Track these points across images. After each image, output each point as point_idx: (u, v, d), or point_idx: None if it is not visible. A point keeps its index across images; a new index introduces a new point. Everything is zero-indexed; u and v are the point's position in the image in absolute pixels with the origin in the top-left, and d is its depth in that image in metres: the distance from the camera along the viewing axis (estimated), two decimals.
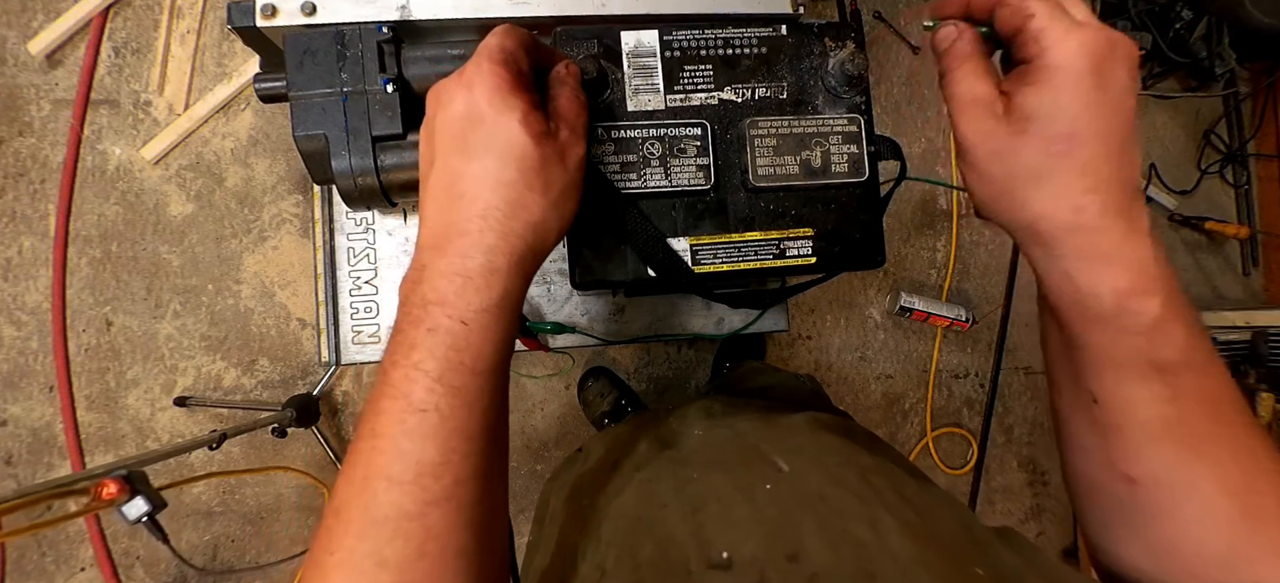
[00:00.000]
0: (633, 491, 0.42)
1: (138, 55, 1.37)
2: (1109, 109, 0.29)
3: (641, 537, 0.36)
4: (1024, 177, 0.30)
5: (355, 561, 0.27)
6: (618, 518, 0.40)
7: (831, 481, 0.36)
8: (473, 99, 0.31)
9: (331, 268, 0.65)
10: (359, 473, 0.29)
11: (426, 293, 0.30)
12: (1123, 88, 0.29)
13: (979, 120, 0.31)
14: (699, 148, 0.41)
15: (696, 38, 0.42)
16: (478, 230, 0.30)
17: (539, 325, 0.66)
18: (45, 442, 1.34)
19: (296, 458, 1.38)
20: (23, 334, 1.34)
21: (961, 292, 1.59)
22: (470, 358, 0.30)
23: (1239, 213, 1.67)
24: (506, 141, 0.30)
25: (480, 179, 0.31)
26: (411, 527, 0.28)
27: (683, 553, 0.33)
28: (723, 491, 0.37)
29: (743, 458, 0.41)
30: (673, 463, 0.44)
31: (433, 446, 0.28)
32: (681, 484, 0.39)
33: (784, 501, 0.35)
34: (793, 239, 0.42)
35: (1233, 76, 1.57)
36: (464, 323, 0.29)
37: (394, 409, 0.29)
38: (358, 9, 0.41)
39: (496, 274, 0.30)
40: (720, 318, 0.69)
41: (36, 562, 1.33)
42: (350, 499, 0.29)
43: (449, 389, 0.29)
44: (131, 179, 1.37)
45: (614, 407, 1.39)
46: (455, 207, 0.31)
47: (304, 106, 0.40)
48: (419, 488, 0.28)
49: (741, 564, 0.30)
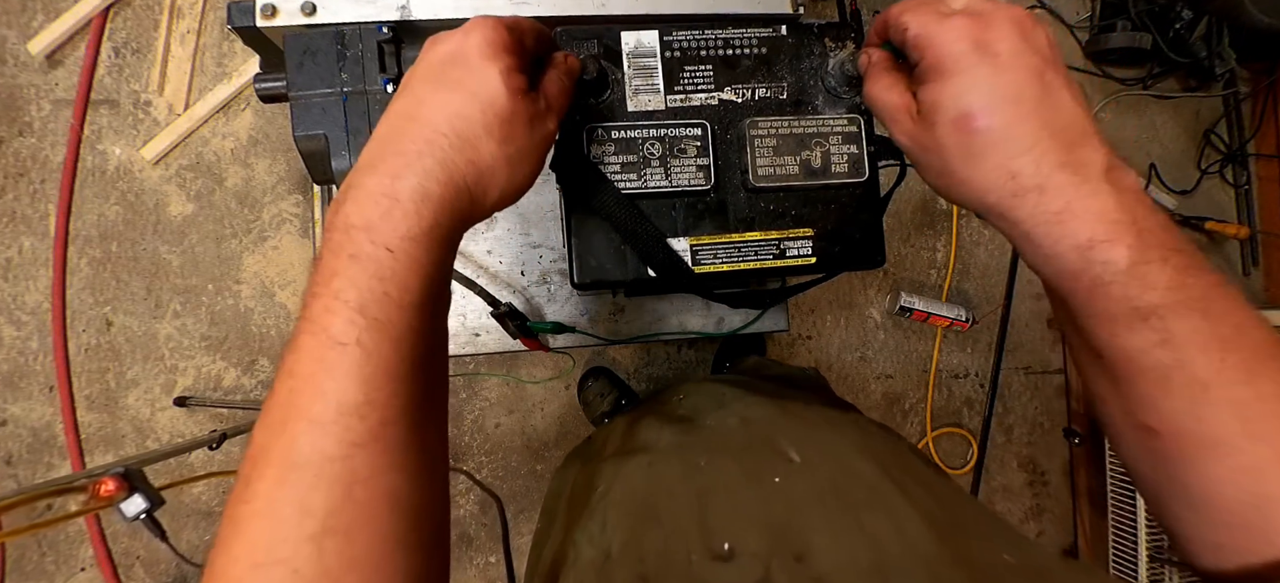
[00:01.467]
0: (641, 475, 0.42)
1: (138, 55, 1.37)
2: (1007, 74, 0.29)
3: (647, 524, 0.36)
4: (957, 163, 0.31)
5: (275, 509, 0.25)
6: (625, 502, 0.39)
7: (845, 471, 0.36)
8: (464, 42, 0.31)
9: None
10: (276, 416, 0.26)
11: (350, 215, 0.28)
12: (1014, 50, 0.29)
13: (901, 125, 0.34)
14: (699, 148, 0.41)
15: (696, 38, 0.42)
16: (417, 152, 0.29)
17: (539, 325, 0.66)
18: (45, 442, 1.34)
19: None
20: (23, 334, 1.34)
21: (961, 292, 1.59)
22: (396, 290, 0.27)
23: (1239, 213, 1.67)
24: (480, 82, 0.30)
25: (439, 107, 0.30)
26: (336, 470, 0.25)
27: (685, 543, 0.32)
28: (731, 480, 0.36)
29: (753, 446, 0.40)
30: (682, 448, 0.43)
31: (354, 384, 0.26)
32: (690, 471, 0.39)
33: (794, 493, 0.34)
34: (793, 239, 0.42)
35: (1233, 76, 1.57)
36: (389, 250, 0.27)
37: (312, 345, 0.27)
38: (358, 9, 0.41)
39: (428, 201, 0.28)
40: (720, 318, 0.69)
41: (36, 562, 1.33)
42: (267, 444, 0.26)
43: (371, 322, 0.27)
44: (131, 179, 1.37)
45: (614, 407, 1.39)
46: (403, 127, 0.30)
47: (304, 106, 0.40)
48: (342, 429, 0.26)
49: (744, 557, 0.30)
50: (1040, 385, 1.62)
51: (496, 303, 0.62)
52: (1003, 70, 0.29)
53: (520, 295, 0.69)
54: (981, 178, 0.30)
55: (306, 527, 0.25)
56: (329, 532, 0.25)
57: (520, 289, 0.69)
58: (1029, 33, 0.30)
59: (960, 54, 0.30)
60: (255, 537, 0.25)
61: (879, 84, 0.35)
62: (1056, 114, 0.29)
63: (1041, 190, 0.29)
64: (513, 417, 1.45)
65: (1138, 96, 1.64)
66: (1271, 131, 1.61)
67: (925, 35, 0.31)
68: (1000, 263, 1.60)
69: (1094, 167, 0.29)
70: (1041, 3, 1.62)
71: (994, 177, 0.30)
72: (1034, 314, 1.62)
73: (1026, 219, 0.30)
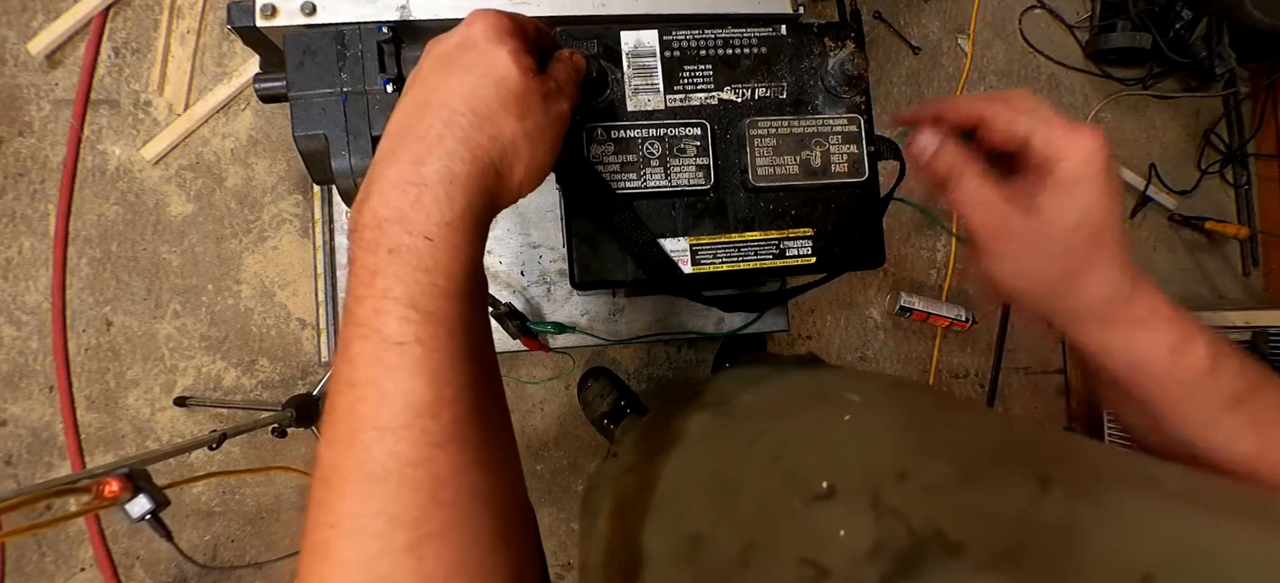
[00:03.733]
0: (701, 459, 0.41)
1: (138, 55, 1.37)
2: (1116, 197, 0.32)
3: (731, 495, 0.35)
4: (1059, 272, 0.33)
5: (363, 525, 0.24)
6: (695, 486, 0.39)
7: (908, 400, 0.36)
8: (469, 32, 0.31)
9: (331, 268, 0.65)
10: (342, 430, 0.25)
11: (378, 208, 0.27)
12: (1113, 171, 0.32)
13: (1001, 223, 0.33)
14: (699, 148, 0.41)
15: (696, 38, 0.42)
16: (437, 135, 0.28)
17: (539, 325, 0.66)
18: (45, 442, 1.34)
19: (296, 458, 1.38)
20: (23, 334, 1.34)
21: (961, 292, 1.59)
22: (443, 279, 0.26)
23: (1239, 213, 1.67)
24: (491, 63, 0.30)
25: (453, 89, 0.29)
26: (418, 475, 0.24)
27: (780, 498, 0.32)
28: (801, 432, 0.36)
29: (811, 401, 0.40)
30: (732, 424, 0.43)
31: (421, 382, 0.25)
32: (752, 440, 0.38)
33: (869, 426, 0.34)
34: (793, 239, 0.42)
35: (1233, 76, 1.57)
36: (428, 239, 0.26)
37: (368, 351, 0.25)
38: (358, 9, 0.41)
39: (456, 182, 0.27)
40: (720, 318, 0.69)
41: (36, 562, 1.33)
42: (338, 461, 0.25)
43: (425, 315, 0.26)
44: (131, 179, 1.37)
45: (613, 407, 1.39)
46: (418, 114, 0.29)
47: (304, 106, 0.40)
48: (417, 431, 0.25)
49: (847, 491, 0.30)
50: (1040, 385, 1.62)
51: (496, 303, 0.62)
52: (1115, 192, 0.32)
53: (520, 295, 0.69)
54: (1088, 288, 0.33)
55: (400, 538, 0.24)
56: (425, 539, 0.24)
57: (520, 289, 0.69)
58: (1111, 153, 0.33)
59: (1095, 173, 0.31)
60: (348, 559, 0.24)
61: (972, 179, 0.34)
62: (1123, 235, 0.32)
63: (1130, 301, 0.32)
64: (513, 417, 1.45)
65: (1138, 96, 1.64)
66: (1271, 132, 1.61)
67: (1058, 144, 0.32)
68: None
69: (1146, 280, 0.32)
70: (1041, 3, 1.62)
71: (1100, 288, 0.32)
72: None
73: (1119, 328, 0.32)
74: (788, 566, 0.28)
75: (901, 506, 0.27)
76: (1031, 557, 0.23)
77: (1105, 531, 0.23)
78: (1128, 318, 0.32)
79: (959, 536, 0.24)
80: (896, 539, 0.25)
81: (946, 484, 0.28)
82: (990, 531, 0.24)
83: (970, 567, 0.23)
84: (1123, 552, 0.22)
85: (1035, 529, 0.24)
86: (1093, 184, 0.31)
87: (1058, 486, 0.25)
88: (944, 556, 0.24)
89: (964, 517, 0.25)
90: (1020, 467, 0.27)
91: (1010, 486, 0.26)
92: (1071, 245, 0.32)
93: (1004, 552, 0.23)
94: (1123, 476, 0.27)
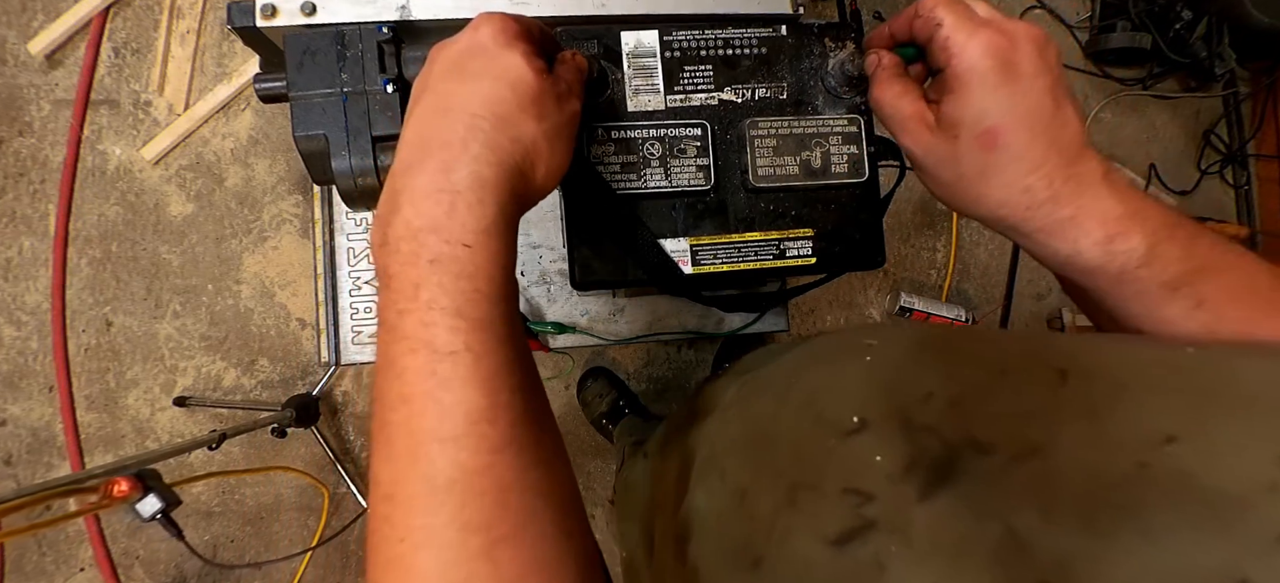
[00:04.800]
0: (736, 421, 0.41)
1: (138, 55, 1.37)
2: (1023, 96, 0.31)
3: (767, 449, 0.35)
4: (971, 176, 0.33)
5: (436, 536, 0.24)
6: (733, 448, 0.39)
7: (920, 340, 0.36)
8: (476, 37, 0.31)
9: (331, 268, 0.65)
10: (401, 446, 0.26)
11: (412, 220, 0.27)
12: (1033, 72, 0.31)
13: (915, 134, 0.34)
14: (699, 148, 0.41)
15: (696, 38, 0.42)
16: (461, 141, 0.28)
17: (539, 325, 0.66)
18: (45, 442, 1.34)
19: (296, 458, 1.38)
20: (23, 334, 1.34)
21: (961, 292, 1.59)
22: (485, 284, 0.27)
23: (1239, 213, 1.67)
24: (505, 67, 0.30)
25: (471, 95, 0.29)
26: (483, 482, 0.25)
27: (816, 439, 0.32)
28: (825, 380, 0.37)
29: (831, 355, 0.41)
30: (758, 388, 0.43)
31: (475, 391, 0.25)
32: (782, 393, 0.39)
33: (889, 359, 0.35)
34: (793, 240, 0.42)
35: (1233, 76, 1.57)
36: (466, 246, 0.26)
37: (418, 363, 0.26)
38: (358, 9, 0.41)
39: (487, 187, 0.28)
40: (720, 318, 0.69)
41: (36, 562, 1.33)
42: (401, 476, 0.25)
43: (473, 323, 0.26)
44: (131, 179, 1.37)
45: (613, 407, 1.39)
46: (440, 121, 0.29)
47: (304, 106, 0.40)
48: (477, 438, 0.25)
49: (877, 420, 0.30)
50: None
51: None
52: (1024, 90, 0.31)
53: (520, 295, 0.69)
54: (997, 192, 0.32)
55: (473, 544, 0.24)
56: (497, 543, 0.25)
57: (520, 289, 0.69)
58: (1045, 50, 0.32)
59: (987, 71, 0.31)
60: (425, 569, 0.25)
61: (890, 90, 0.35)
62: (1063, 131, 0.31)
63: (1052, 201, 0.31)
64: None
65: (1138, 97, 1.64)
66: (1271, 132, 1.61)
67: (954, 41, 0.31)
68: (1000, 263, 1.60)
69: (1094, 175, 0.31)
70: (1041, 3, 1.62)
71: (1008, 192, 0.32)
72: (1034, 314, 1.62)
73: (1041, 229, 0.32)
74: (833, 499, 0.28)
75: (932, 422, 0.27)
76: (1059, 443, 0.23)
77: (1124, 403, 0.23)
78: (1048, 218, 0.32)
79: (988, 436, 0.25)
80: (930, 451, 0.26)
81: (970, 395, 0.28)
82: (1017, 427, 0.25)
83: (1002, 461, 0.24)
84: (1144, 420, 0.22)
85: (1058, 417, 0.24)
86: (983, 83, 0.31)
87: (1074, 376, 0.26)
88: (976, 456, 0.24)
89: (990, 420, 0.26)
90: (1037, 367, 0.28)
91: (1030, 384, 0.27)
92: (969, 151, 0.32)
93: (1032, 443, 0.24)
94: (1133, 354, 0.28)
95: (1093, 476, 0.21)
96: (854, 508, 0.27)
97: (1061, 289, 0.39)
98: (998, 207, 0.32)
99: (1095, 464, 0.22)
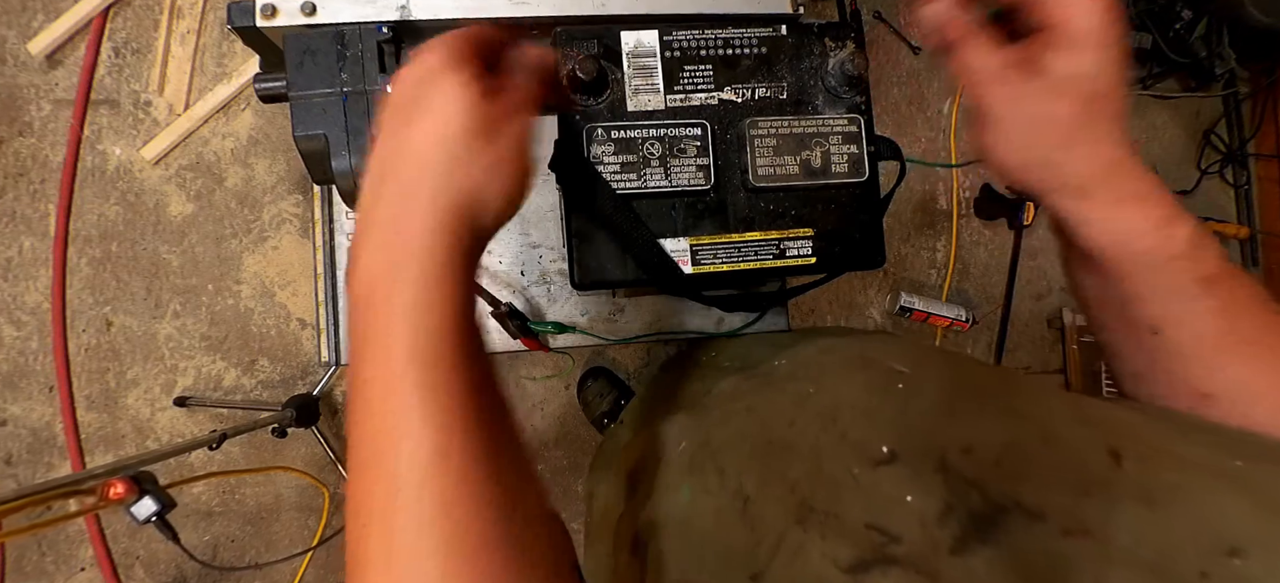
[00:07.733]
0: (741, 416, 0.41)
1: (138, 55, 1.37)
2: (1121, 62, 0.31)
3: (782, 456, 0.35)
4: (1061, 136, 0.32)
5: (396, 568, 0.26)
6: (738, 444, 0.38)
7: (954, 379, 0.36)
8: (426, 60, 0.31)
9: (331, 268, 0.65)
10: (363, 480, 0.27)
11: (369, 267, 0.29)
12: (1121, 37, 0.31)
13: (1006, 87, 0.33)
14: (699, 148, 0.41)
15: (696, 38, 0.42)
16: (413, 184, 0.30)
17: (539, 325, 0.66)
18: (45, 442, 1.34)
19: (296, 458, 1.38)
20: (23, 334, 1.34)
21: (961, 292, 1.59)
22: (437, 320, 0.28)
23: (1239, 213, 1.67)
24: (445, 100, 0.30)
25: (421, 135, 0.30)
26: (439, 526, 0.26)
27: (839, 461, 0.32)
28: (854, 396, 0.36)
29: (854, 366, 0.40)
30: (771, 385, 0.42)
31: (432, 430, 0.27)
32: (801, 398, 0.38)
33: (925, 396, 0.34)
34: (793, 239, 0.42)
35: (1233, 76, 1.57)
36: (421, 288, 0.28)
37: (379, 405, 0.27)
38: (358, 9, 0.41)
39: (438, 232, 0.29)
40: (720, 318, 0.69)
41: (36, 562, 1.33)
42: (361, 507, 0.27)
43: (424, 364, 0.27)
44: (131, 179, 1.37)
45: (613, 407, 1.39)
46: (388, 170, 0.30)
47: (304, 106, 0.40)
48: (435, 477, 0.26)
49: (908, 455, 0.30)
50: None
51: (496, 303, 0.62)
52: (1120, 58, 0.31)
53: (520, 295, 0.69)
54: (1084, 156, 0.32)
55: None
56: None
57: (520, 289, 0.69)
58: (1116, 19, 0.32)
59: (1103, 30, 0.30)
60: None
61: (975, 42, 0.33)
62: (1125, 105, 0.32)
63: (1128, 173, 0.32)
64: None
65: (1138, 96, 1.64)
66: (1271, 132, 1.61)
67: (1066, 3, 0.31)
68: (1000, 263, 1.60)
69: (1132, 146, 0.32)
70: None
71: (1096, 155, 0.32)
72: (1034, 314, 1.62)
73: (1112, 198, 0.32)
74: (853, 529, 0.28)
75: (975, 476, 0.27)
76: (1114, 528, 0.23)
77: (1182, 500, 0.23)
78: (1118, 190, 0.32)
79: (1037, 503, 0.25)
80: (970, 504, 0.26)
81: (1014, 456, 0.28)
82: (1070, 501, 0.25)
83: (1053, 532, 0.24)
84: (1206, 524, 0.22)
85: (1113, 500, 0.24)
86: (1099, 45, 0.31)
87: (1129, 460, 0.26)
88: (1025, 521, 0.24)
89: (1039, 487, 0.26)
90: (1086, 441, 0.28)
91: (1080, 458, 0.27)
92: (1073, 109, 0.31)
93: (1085, 522, 0.24)
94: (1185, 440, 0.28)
95: (1153, 573, 0.21)
96: (876, 544, 0.26)
97: (1066, 281, 0.39)
98: (1079, 171, 0.32)
99: (1154, 563, 0.21)
